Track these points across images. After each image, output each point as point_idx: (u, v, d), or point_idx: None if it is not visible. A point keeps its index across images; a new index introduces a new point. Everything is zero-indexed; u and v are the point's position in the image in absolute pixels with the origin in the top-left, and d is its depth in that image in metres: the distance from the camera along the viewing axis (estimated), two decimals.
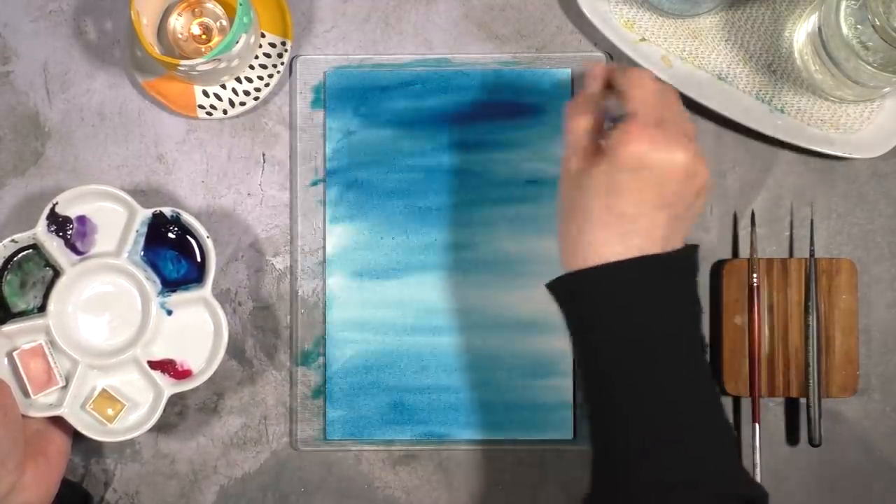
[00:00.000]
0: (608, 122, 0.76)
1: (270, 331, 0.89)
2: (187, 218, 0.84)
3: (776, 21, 0.88)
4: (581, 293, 0.72)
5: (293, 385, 0.89)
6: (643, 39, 0.88)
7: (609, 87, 0.77)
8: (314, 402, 0.89)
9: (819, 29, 0.84)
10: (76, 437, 0.86)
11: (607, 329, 0.71)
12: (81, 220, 0.85)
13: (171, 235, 0.85)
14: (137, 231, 0.84)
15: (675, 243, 0.73)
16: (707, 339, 0.73)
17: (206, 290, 0.84)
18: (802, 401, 0.88)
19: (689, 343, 0.73)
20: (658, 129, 0.72)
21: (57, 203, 0.84)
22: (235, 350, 0.88)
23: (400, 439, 0.89)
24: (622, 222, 0.71)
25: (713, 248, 0.89)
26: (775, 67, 0.88)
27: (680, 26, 0.88)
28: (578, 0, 0.87)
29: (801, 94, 0.88)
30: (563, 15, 0.90)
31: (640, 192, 0.71)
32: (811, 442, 0.87)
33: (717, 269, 0.89)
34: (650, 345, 0.71)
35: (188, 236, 0.85)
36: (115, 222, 0.85)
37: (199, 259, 0.85)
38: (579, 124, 0.75)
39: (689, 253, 0.74)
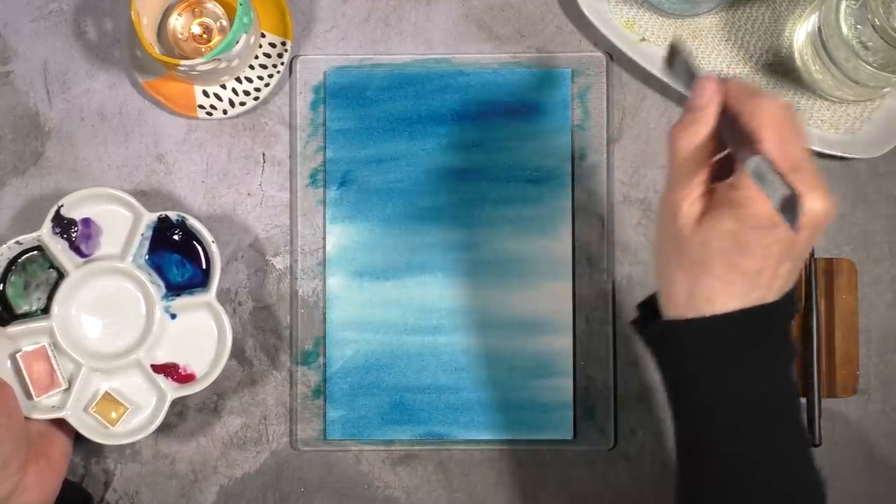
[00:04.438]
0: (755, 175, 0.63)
1: (270, 331, 0.89)
2: (193, 222, 0.84)
3: (776, 21, 0.88)
4: (689, 344, 0.66)
5: (293, 385, 0.89)
6: (643, 39, 0.88)
7: (723, 111, 0.66)
8: (314, 403, 0.89)
9: (819, 29, 0.84)
10: (77, 437, 0.86)
11: (714, 383, 0.66)
12: (86, 222, 0.85)
13: (175, 239, 0.85)
14: (143, 235, 0.84)
15: (786, 284, 0.67)
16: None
17: (211, 294, 0.84)
18: (802, 401, 0.88)
19: (787, 401, 0.67)
20: (797, 175, 0.62)
21: (62, 205, 0.84)
22: (236, 350, 0.88)
23: (400, 439, 0.89)
24: (745, 280, 0.64)
25: None
26: (775, 67, 0.88)
27: (680, 26, 0.88)
28: (578, 0, 0.87)
29: (801, 94, 0.88)
30: (563, 15, 0.90)
31: (768, 249, 0.64)
32: (811, 442, 0.87)
33: None
34: (755, 402, 0.66)
35: (193, 240, 0.85)
36: (121, 225, 0.85)
37: (203, 263, 0.85)
38: (690, 163, 0.65)
39: (791, 294, 0.68)
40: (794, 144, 0.63)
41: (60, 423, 0.84)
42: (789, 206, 0.57)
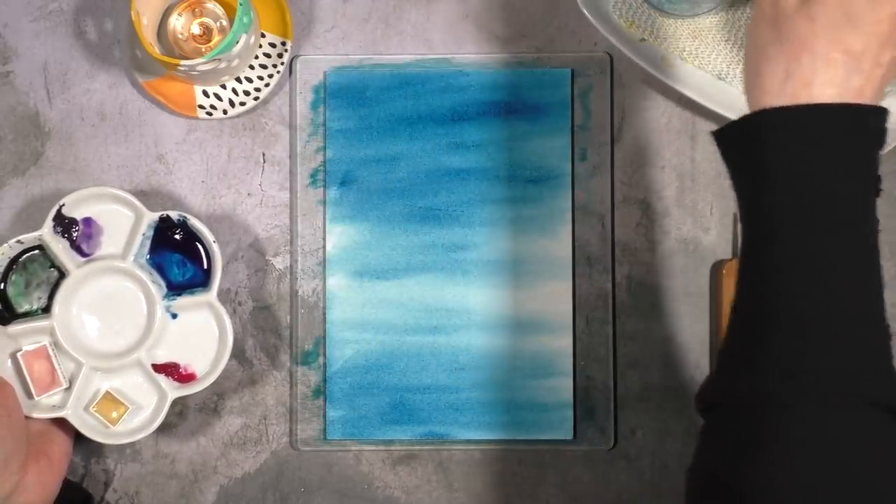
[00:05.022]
0: None
1: (270, 331, 0.90)
2: (194, 222, 0.84)
3: None
4: (785, 133, 0.63)
5: (293, 385, 0.89)
6: (643, 39, 0.88)
7: None
8: (314, 402, 0.89)
9: None
10: (77, 437, 0.86)
11: (797, 175, 0.62)
12: (87, 221, 0.85)
13: (177, 239, 0.85)
14: (144, 234, 0.84)
15: (881, 95, 0.64)
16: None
17: (212, 294, 0.84)
18: None
19: (868, 217, 0.64)
20: None
21: (64, 204, 0.84)
22: (236, 350, 0.88)
23: (400, 439, 0.89)
24: (849, 60, 0.62)
25: (713, 248, 0.89)
26: None
27: (680, 26, 0.88)
28: (578, 0, 0.87)
29: None
30: (563, 15, 0.90)
31: (877, 26, 0.62)
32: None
33: (717, 269, 0.89)
34: (834, 205, 0.62)
35: (194, 240, 0.85)
36: (122, 225, 0.85)
37: (204, 263, 0.85)
38: None
39: (885, 115, 0.64)
40: None
41: (61, 423, 0.84)
42: None
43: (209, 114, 0.89)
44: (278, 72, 0.88)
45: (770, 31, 0.65)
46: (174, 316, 0.85)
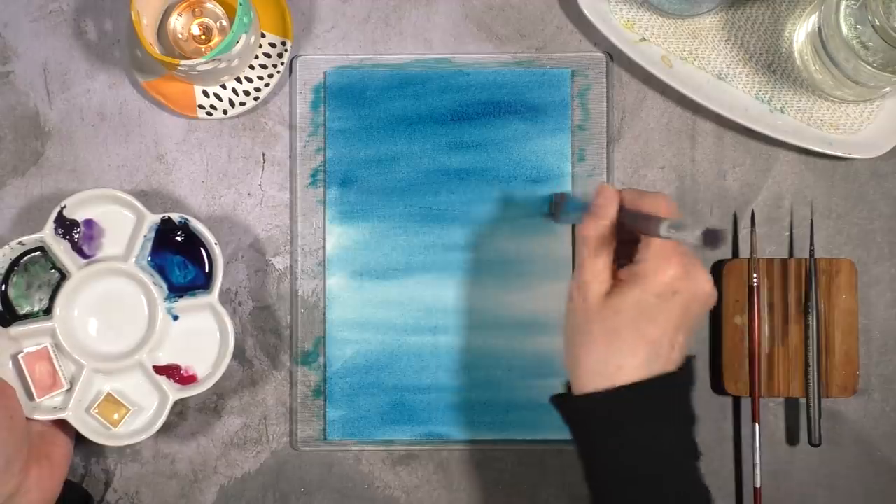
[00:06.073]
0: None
1: (270, 331, 0.90)
2: (196, 224, 0.84)
3: (776, 21, 0.88)
4: (595, 416, 0.74)
5: (293, 385, 0.89)
6: (643, 39, 0.88)
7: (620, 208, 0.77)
8: (314, 402, 0.89)
9: (819, 29, 0.84)
10: (77, 437, 0.86)
11: (624, 446, 0.73)
12: (89, 223, 0.85)
13: (178, 241, 0.85)
14: (145, 236, 0.84)
15: (682, 355, 0.76)
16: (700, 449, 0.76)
17: (213, 296, 0.84)
18: (802, 401, 0.88)
19: (688, 456, 0.75)
20: (686, 256, 0.74)
21: (65, 206, 0.84)
22: (236, 350, 0.88)
23: (400, 439, 0.89)
24: (651, 347, 0.73)
25: None
26: (775, 67, 0.88)
27: (680, 26, 0.88)
28: (578, 0, 0.87)
29: (801, 94, 0.88)
30: (563, 15, 0.90)
31: (667, 317, 0.74)
32: (811, 442, 0.87)
33: (717, 269, 0.89)
34: (657, 460, 0.73)
35: (196, 242, 0.85)
36: (123, 226, 0.85)
37: (206, 265, 0.85)
38: (598, 249, 0.76)
39: (690, 366, 0.76)
40: None
41: (62, 424, 0.84)
42: (710, 237, 0.68)
43: (209, 114, 0.89)
44: (278, 72, 0.88)
45: (584, 323, 0.75)
46: (175, 318, 0.85)
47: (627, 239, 0.76)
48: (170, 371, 0.85)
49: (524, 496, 0.89)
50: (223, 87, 0.89)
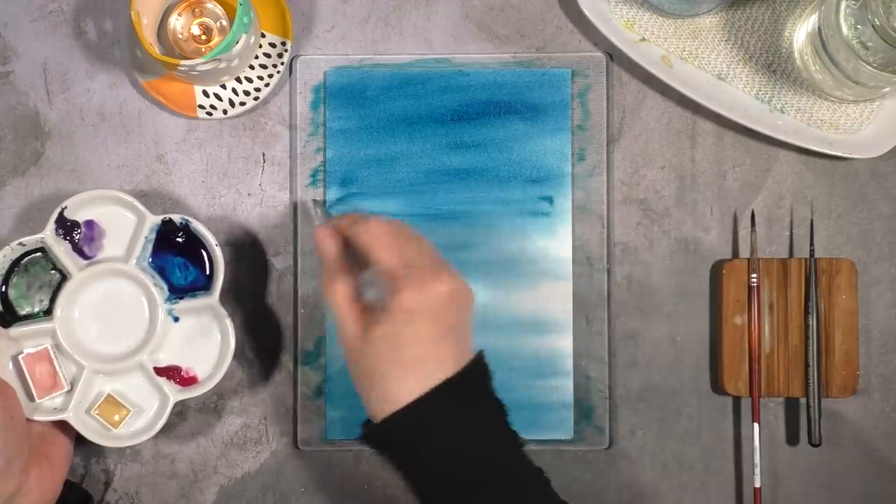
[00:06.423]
0: (366, 287, 0.75)
1: (271, 331, 0.89)
2: (196, 226, 0.84)
3: (776, 21, 0.88)
4: (394, 438, 0.74)
5: (294, 385, 0.89)
6: (643, 39, 0.88)
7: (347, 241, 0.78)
8: (315, 402, 0.89)
9: (819, 29, 0.84)
10: (77, 437, 0.86)
11: (427, 464, 0.73)
12: (90, 224, 0.85)
13: (179, 242, 0.85)
14: (146, 237, 0.84)
15: (467, 355, 0.75)
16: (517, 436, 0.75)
17: (214, 297, 0.84)
18: (802, 401, 0.88)
19: (508, 444, 0.75)
20: (411, 272, 0.73)
21: (66, 207, 0.84)
22: (236, 350, 0.88)
23: None
24: (414, 368, 0.73)
25: (713, 248, 0.89)
26: (775, 67, 0.88)
27: (680, 26, 0.88)
28: (578, 0, 0.87)
29: (801, 94, 0.88)
30: (563, 15, 0.90)
31: (419, 337, 0.73)
32: (811, 442, 0.87)
33: (717, 269, 0.89)
34: (475, 458, 0.73)
35: (196, 243, 0.85)
36: (124, 227, 0.85)
37: (206, 266, 0.85)
38: (341, 291, 0.76)
39: (479, 359, 0.76)
40: (401, 250, 0.75)
41: (62, 425, 0.84)
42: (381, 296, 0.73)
43: (209, 114, 0.89)
44: (278, 72, 0.88)
45: (353, 360, 0.75)
46: (176, 319, 0.85)
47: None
48: (170, 372, 0.85)
49: None
50: (223, 87, 0.89)
